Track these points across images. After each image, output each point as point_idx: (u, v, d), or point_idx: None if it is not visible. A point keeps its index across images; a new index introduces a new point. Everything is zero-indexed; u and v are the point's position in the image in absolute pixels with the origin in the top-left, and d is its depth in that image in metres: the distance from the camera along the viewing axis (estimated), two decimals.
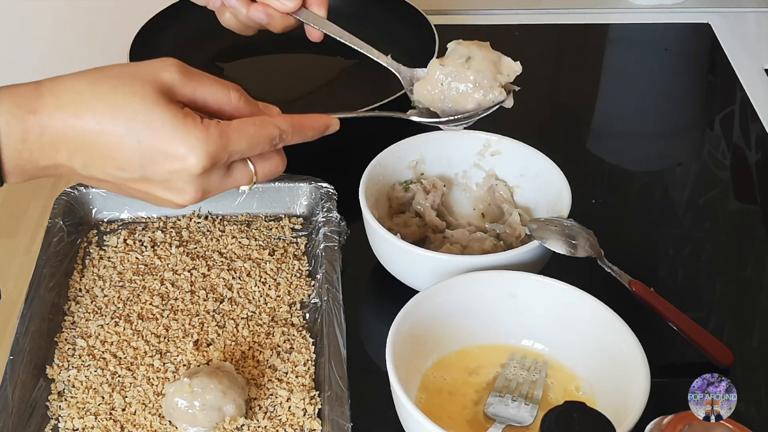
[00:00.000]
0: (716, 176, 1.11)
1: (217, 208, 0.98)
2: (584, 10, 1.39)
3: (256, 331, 0.86)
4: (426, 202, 0.94)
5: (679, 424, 0.64)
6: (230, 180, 0.70)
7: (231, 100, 0.70)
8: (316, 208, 0.97)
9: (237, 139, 0.67)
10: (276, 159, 0.72)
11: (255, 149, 0.69)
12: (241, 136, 0.68)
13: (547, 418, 0.60)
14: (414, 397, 0.77)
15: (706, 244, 1.02)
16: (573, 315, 0.80)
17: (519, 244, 0.89)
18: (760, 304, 0.94)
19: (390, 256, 0.89)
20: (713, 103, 1.27)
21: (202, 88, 0.69)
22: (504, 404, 0.77)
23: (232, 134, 0.67)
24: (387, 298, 0.91)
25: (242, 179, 0.71)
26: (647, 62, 1.30)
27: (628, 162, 1.15)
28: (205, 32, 1.24)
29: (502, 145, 0.97)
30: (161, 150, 0.65)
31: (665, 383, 0.76)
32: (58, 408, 0.79)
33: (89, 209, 0.98)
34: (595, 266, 0.85)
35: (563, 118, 1.22)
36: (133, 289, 0.90)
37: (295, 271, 0.92)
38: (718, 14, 1.36)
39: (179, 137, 0.65)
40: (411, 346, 0.77)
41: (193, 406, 0.76)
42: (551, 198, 0.91)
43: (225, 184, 0.70)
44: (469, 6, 1.39)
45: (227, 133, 0.67)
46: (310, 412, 0.78)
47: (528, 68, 1.35)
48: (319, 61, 1.28)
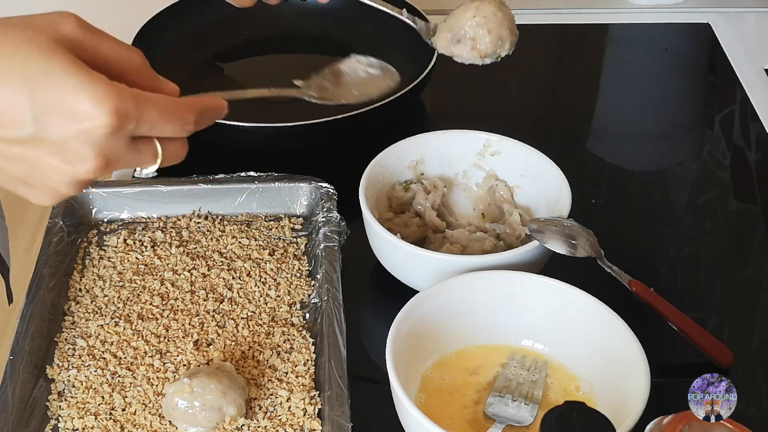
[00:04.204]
0: (716, 176, 1.11)
1: (217, 208, 0.98)
2: (584, 10, 1.39)
3: (256, 331, 0.86)
4: (426, 202, 0.94)
5: (679, 424, 0.64)
6: (135, 154, 0.59)
7: (134, 62, 0.61)
8: (316, 208, 0.97)
9: (149, 107, 0.58)
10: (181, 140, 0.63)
11: (165, 126, 0.60)
12: (154, 106, 0.59)
13: (547, 418, 0.60)
14: (414, 397, 0.77)
15: (706, 244, 1.02)
16: (573, 315, 0.80)
17: (519, 244, 0.89)
18: (760, 304, 0.94)
19: (390, 256, 0.89)
20: (713, 103, 1.27)
21: (105, 44, 0.60)
22: (504, 404, 0.77)
23: (144, 100, 0.58)
24: (387, 298, 0.91)
25: (147, 156, 0.60)
26: (647, 62, 1.30)
27: (628, 162, 1.16)
28: (205, 32, 1.24)
29: (502, 145, 0.97)
30: (61, 102, 0.55)
31: (665, 383, 0.76)
32: (58, 408, 0.79)
33: (89, 209, 0.98)
34: (595, 266, 0.85)
35: (563, 118, 1.22)
36: (133, 289, 0.90)
37: (295, 271, 0.92)
38: (718, 14, 1.37)
39: (84, 90, 0.55)
40: (411, 346, 0.77)
41: (193, 406, 0.76)
42: (551, 198, 0.91)
43: (128, 158, 0.59)
44: None
45: (139, 96, 0.58)
46: (310, 412, 0.78)
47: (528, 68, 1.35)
48: (319, 61, 1.28)
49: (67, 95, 0.55)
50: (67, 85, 0.55)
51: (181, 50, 1.21)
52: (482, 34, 0.83)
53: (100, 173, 0.58)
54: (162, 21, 1.21)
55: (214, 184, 0.98)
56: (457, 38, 0.84)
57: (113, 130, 0.56)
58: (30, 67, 0.54)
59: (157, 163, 0.61)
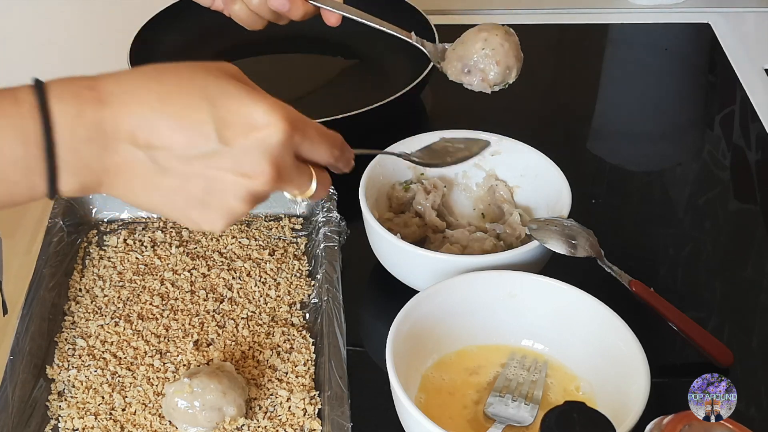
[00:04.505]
0: (716, 176, 1.11)
1: None
2: (584, 10, 1.39)
3: (256, 331, 0.86)
4: (426, 202, 0.94)
5: (679, 424, 0.64)
6: (298, 173, 0.64)
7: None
8: (316, 208, 0.97)
9: (309, 124, 0.63)
10: (327, 172, 0.67)
11: (321, 147, 0.65)
12: (312, 125, 0.64)
13: (547, 418, 0.60)
14: (414, 397, 0.77)
15: (706, 244, 1.02)
16: (573, 315, 0.80)
17: (519, 244, 0.89)
18: (760, 304, 0.94)
19: (390, 256, 0.89)
20: (713, 103, 1.27)
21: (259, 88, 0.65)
22: (504, 404, 0.77)
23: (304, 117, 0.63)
24: (387, 298, 0.91)
25: (305, 178, 0.65)
26: (647, 62, 1.30)
27: (628, 162, 1.16)
28: (205, 32, 1.24)
29: (502, 145, 0.97)
30: (238, 114, 0.59)
31: (665, 383, 0.76)
32: (58, 408, 0.79)
33: (89, 209, 0.98)
34: (595, 266, 0.85)
35: (563, 118, 1.22)
36: (133, 289, 0.90)
37: (295, 271, 0.92)
38: (718, 14, 1.36)
39: (257, 102, 0.60)
40: (411, 346, 0.77)
41: (193, 406, 0.76)
42: (551, 198, 0.91)
43: (293, 175, 0.63)
44: (469, 6, 1.39)
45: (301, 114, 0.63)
46: (310, 412, 0.78)
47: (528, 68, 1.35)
48: (319, 61, 1.28)
49: (244, 107, 0.59)
50: (243, 99, 0.59)
51: (181, 50, 1.21)
52: (491, 65, 0.87)
53: (271, 187, 0.61)
54: (162, 21, 1.21)
55: None
56: (467, 69, 0.88)
57: (286, 137, 0.60)
58: (208, 87, 0.59)
59: (312, 187, 0.65)
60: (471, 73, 0.88)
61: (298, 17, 0.88)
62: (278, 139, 0.60)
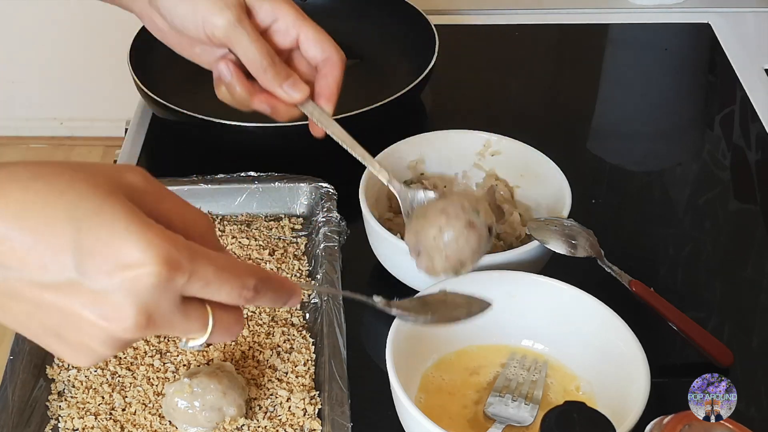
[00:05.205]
0: (716, 176, 1.11)
1: (217, 208, 0.98)
2: (584, 10, 1.39)
3: (256, 331, 0.86)
4: None
5: (679, 424, 0.64)
6: (182, 318, 0.52)
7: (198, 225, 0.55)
8: (316, 208, 0.97)
9: (205, 262, 0.52)
10: (237, 313, 0.56)
11: (221, 287, 0.53)
12: (211, 262, 0.52)
13: (547, 418, 0.60)
14: (414, 397, 0.77)
15: (706, 244, 1.02)
16: (573, 315, 0.80)
17: (519, 244, 0.89)
18: (760, 304, 0.94)
19: (390, 256, 0.89)
20: (713, 103, 1.27)
21: (169, 201, 0.54)
22: (504, 404, 0.77)
23: (200, 253, 0.52)
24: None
25: (195, 324, 0.53)
26: (647, 62, 1.30)
27: (628, 162, 1.16)
28: None
29: (502, 145, 0.97)
30: (106, 246, 0.49)
31: (665, 383, 0.76)
32: (58, 408, 0.79)
33: None
34: (595, 266, 0.85)
35: (563, 118, 1.22)
36: None
37: (295, 271, 0.92)
38: (718, 14, 1.36)
39: (133, 234, 0.49)
40: (411, 346, 0.77)
41: (193, 406, 0.76)
42: (551, 198, 0.91)
43: (174, 321, 0.52)
44: (469, 6, 1.39)
45: (194, 248, 0.52)
46: (310, 412, 0.78)
47: (528, 68, 1.35)
48: None
49: (115, 238, 0.49)
50: (117, 228, 0.49)
51: None
52: (439, 257, 0.77)
53: (139, 333, 0.51)
54: None
55: (214, 184, 0.98)
56: (416, 250, 0.78)
57: (161, 281, 0.50)
58: (80, 206, 0.50)
59: (206, 334, 0.54)
60: (420, 256, 0.78)
61: (283, 120, 0.81)
62: (150, 282, 0.49)
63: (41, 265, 0.49)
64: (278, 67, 0.79)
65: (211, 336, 0.54)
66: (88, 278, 0.49)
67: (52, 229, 0.49)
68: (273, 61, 0.78)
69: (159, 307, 0.51)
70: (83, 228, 0.49)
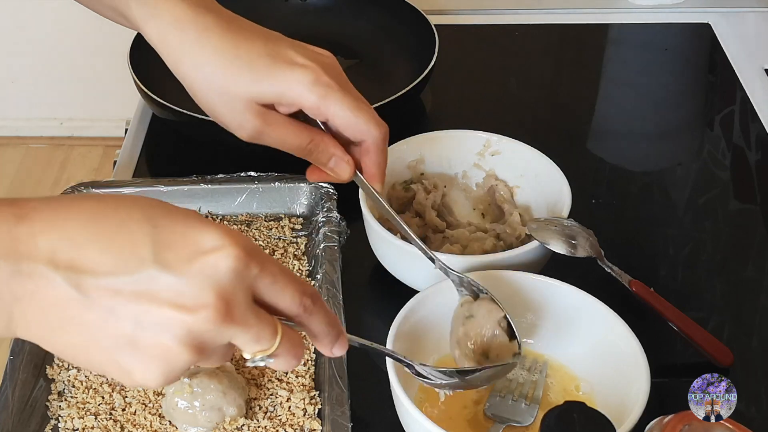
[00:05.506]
0: (716, 176, 1.11)
1: (217, 208, 0.98)
2: (584, 10, 1.39)
3: None
4: (426, 202, 0.94)
5: (679, 424, 0.64)
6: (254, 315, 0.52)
7: None
8: (316, 208, 0.97)
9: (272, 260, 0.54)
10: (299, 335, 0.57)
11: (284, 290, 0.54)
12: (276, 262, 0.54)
13: (547, 418, 0.60)
14: (414, 397, 0.77)
15: (706, 244, 1.02)
16: (573, 315, 0.80)
17: (519, 244, 0.89)
18: (760, 304, 0.94)
19: (390, 256, 0.89)
20: (713, 103, 1.27)
21: None
22: (504, 404, 0.77)
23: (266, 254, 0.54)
24: (387, 298, 0.91)
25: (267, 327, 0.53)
26: (647, 62, 1.30)
27: (628, 162, 1.15)
28: None
29: (502, 145, 0.97)
30: (184, 237, 0.50)
31: (665, 383, 0.76)
32: (58, 408, 0.79)
33: None
34: (595, 266, 0.85)
35: (563, 118, 1.22)
36: None
37: (295, 271, 0.92)
38: (718, 14, 1.36)
39: (211, 228, 0.51)
40: (411, 346, 0.77)
41: (193, 406, 0.76)
42: (551, 198, 0.91)
43: (248, 317, 0.52)
44: (469, 6, 1.39)
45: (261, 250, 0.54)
46: (310, 412, 0.78)
47: (528, 68, 1.35)
48: None
49: (191, 229, 0.51)
50: (192, 223, 0.51)
51: None
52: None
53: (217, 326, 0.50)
54: None
55: (214, 184, 0.98)
56: None
57: (239, 265, 0.50)
58: (154, 208, 0.52)
59: (275, 344, 0.54)
60: None
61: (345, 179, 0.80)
62: (229, 265, 0.50)
63: (118, 263, 0.49)
64: (319, 149, 0.77)
65: (279, 348, 0.54)
66: (167, 268, 0.50)
67: (128, 226, 0.50)
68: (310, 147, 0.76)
69: (236, 296, 0.51)
70: (159, 225, 0.51)
